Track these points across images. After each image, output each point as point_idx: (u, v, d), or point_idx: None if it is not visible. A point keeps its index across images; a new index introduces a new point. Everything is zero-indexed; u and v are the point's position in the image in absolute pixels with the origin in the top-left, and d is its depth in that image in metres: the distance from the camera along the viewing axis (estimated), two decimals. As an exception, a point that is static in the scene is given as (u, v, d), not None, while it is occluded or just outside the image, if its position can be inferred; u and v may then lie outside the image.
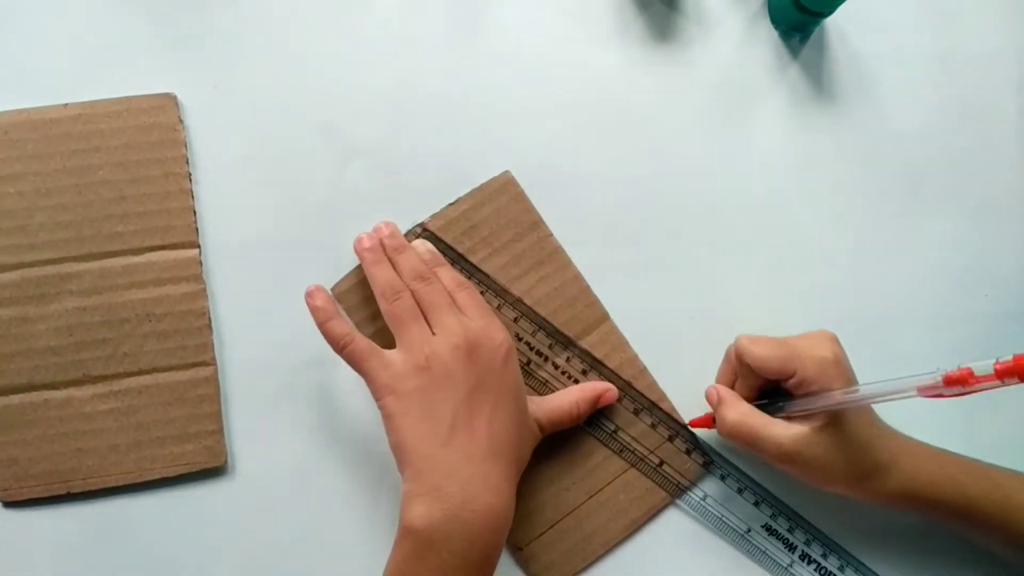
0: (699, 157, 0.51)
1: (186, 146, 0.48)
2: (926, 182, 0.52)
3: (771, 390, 0.45)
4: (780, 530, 0.48)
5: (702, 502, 0.48)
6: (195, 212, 0.48)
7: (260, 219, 0.49)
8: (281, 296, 0.48)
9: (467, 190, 0.49)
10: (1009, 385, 0.35)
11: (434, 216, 0.49)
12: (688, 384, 0.49)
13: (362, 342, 0.43)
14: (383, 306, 0.44)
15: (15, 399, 0.46)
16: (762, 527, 0.48)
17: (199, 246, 0.48)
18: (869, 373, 0.49)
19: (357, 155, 0.49)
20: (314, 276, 0.48)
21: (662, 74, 0.51)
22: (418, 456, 0.41)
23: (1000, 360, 0.35)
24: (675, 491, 0.48)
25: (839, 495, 0.44)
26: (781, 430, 0.43)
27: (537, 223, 0.49)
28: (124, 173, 0.47)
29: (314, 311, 0.44)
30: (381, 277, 0.44)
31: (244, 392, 0.48)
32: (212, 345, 0.47)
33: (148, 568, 0.46)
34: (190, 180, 0.48)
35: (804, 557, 0.48)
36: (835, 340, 0.44)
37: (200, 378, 0.47)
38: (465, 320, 0.43)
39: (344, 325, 0.43)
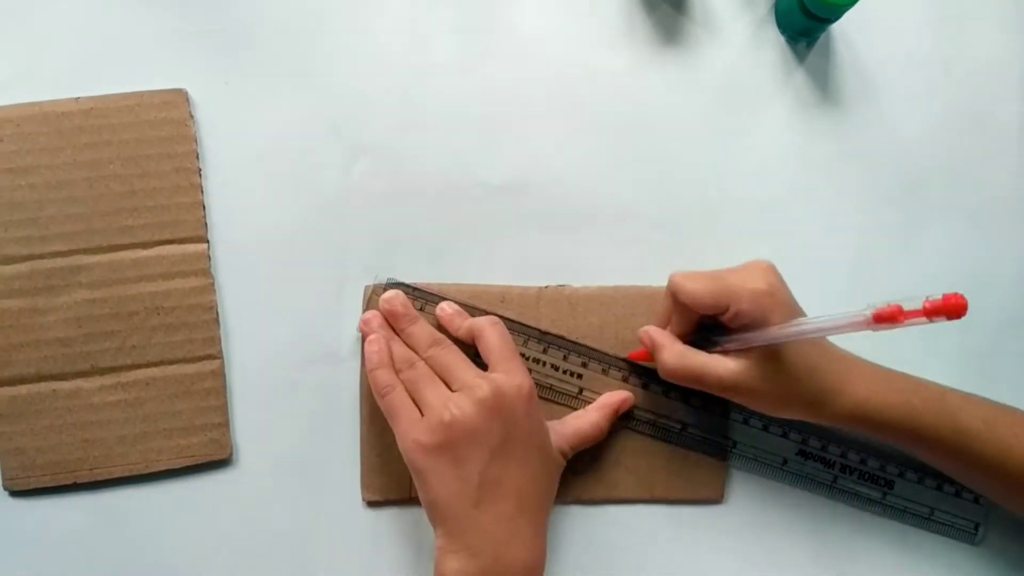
0: (704, 159, 0.51)
1: (196, 141, 0.48)
2: (928, 187, 0.52)
3: (709, 325, 0.45)
4: (814, 451, 0.49)
5: (733, 450, 0.48)
6: (204, 207, 0.48)
7: (268, 215, 0.49)
8: (288, 291, 0.49)
9: (474, 191, 0.50)
10: (936, 322, 0.36)
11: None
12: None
13: (400, 396, 0.44)
14: (401, 376, 0.44)
15: (23, 389, 0.46)
16: (796, 454, 0.49)
17: (208, 241, 0.48)
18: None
19: (365, 152, 0.50)
20: (321, 272, 0.49)
21: (669, 77, 0.51)
22: (450, 516, 0.41)
23: (930, 298, 0.36)
24: (707, 448, 0.48)
25: (793, 419, 0.45)
26: (720, 365, 0.43)
27: None
28: (134, 167, 0.48)
29: (368, 356, 0.45)
30: (396, 352, 0.45)
31: (250, 386, 0.48)
32: (219, 339, 0.48)
33: (152, 558, 0.47)
34: (200, 175, 0.48)
35: (844, 469, 0.49)
36: (771, 270, 0.44)
37: (207, 371, 0.47)
38: (483, 373, 0.44)
39: (390, 375, 0.44)
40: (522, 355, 0.48)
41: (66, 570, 0.47)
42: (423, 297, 0.48)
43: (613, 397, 0.48)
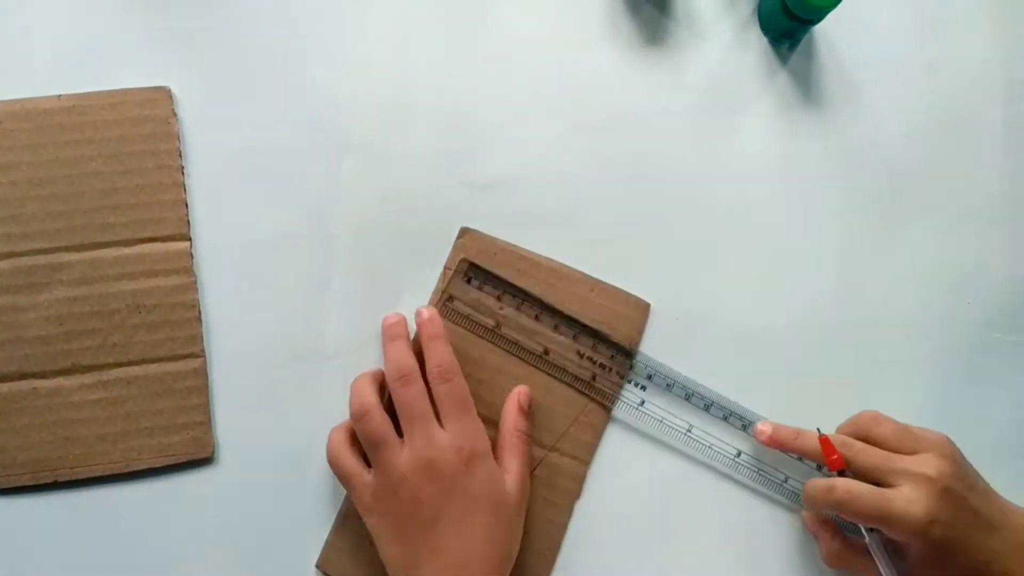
0: (687, 160, 0.51)
1: (179, 139, 0.48)
2: (910, 189, 0.52)
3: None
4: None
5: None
6: (187, 205, 0.48)
7: (251, 213, 0.49)
8: (270, 290, 0.49)
9: (459, 191, 0.50)
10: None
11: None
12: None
13: (347, 462, 0.44)
14: (354, 424, 0.44)
15: (3, 387, 0.46)
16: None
17: (190, 239, 0.48)
18: (851, 379, 0.50)
19: (350, 152, 0.50)
20: (304, 270, 0.49)
21: (652, 78, 0.52)
22: (396, 574, 0.43)
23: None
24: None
25: None
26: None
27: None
28: (117, 165, 0.48)
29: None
30: (355, 394, 0.45)
31: (232, 384, 0.48)
32: (201, 337, 0.47)
33: (134, 557, 0.47)
34: (182, 173, 0.48)
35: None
36: (942, 479, 0.42)
37: (188, 370, 0.47)
38: (431, 431, 0.43)
39: (343, 444, 0.45)
40: (590, 360, 0.49)
41: (47, 569, 0.46)
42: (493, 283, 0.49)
43: (510, 403, 0.47)
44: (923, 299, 0.52)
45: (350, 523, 0.47)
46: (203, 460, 0.47)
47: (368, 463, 0.44)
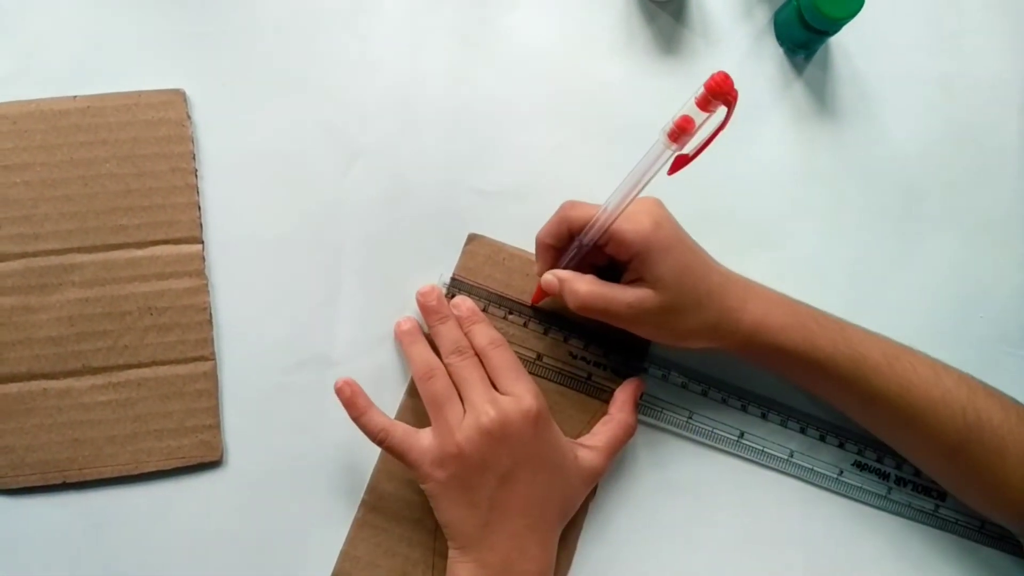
0: (700, 170, 0.51)
1: (193, 142, 0.48)
2: (925, 202, 0.52)
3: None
4: (870, 462, 0.49)
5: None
6: (200, 208, 0.48)
7: (264, 216, 0.49)
8: (282, 294, 0.49)
9: (469, 197, 0.50)
10: (718, 112, 0.38)
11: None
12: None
13: (398, 434, 0.44)
14: (419, 386, 0.45)
15: (14, 388, 0.46)
16: (852, 465, 0.49)
17: (202, 242, 0.48)
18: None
19: (362, 155, 0.50)
20: (315, 275, 0.49)
21: (667, 86, 0.51)
22: (460, 534, 0.43)
23: (697, 94, 0.37)
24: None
25: (697, 350, 0.46)
26: (627, 291, 0.44)
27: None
28: (130, 167, 0.48)
29: (347, 406, 0.45)
30: (417, 357, 0.46)
31: (242, 388, 0.48)
32: (212, 340, 0.47)
33: (141, 559, 0.46)
34: (196, 176, 0.48)
35: (899, 480, 0.49)
36: (656, 204, 0.45)
37: (199, 373, 0.47)
38: (494, 396, 0.44)
39: (379, 418, 0.45)
40: (584, 360, 0.49)
41: (54, 570, 0.46)
42: (486, 298, 0.49)
43: (627, 390, 0.48)
44: (936, 312, 0.52)
45: (365, 532, 0.47)
46: (212, 463, 0.47)
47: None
